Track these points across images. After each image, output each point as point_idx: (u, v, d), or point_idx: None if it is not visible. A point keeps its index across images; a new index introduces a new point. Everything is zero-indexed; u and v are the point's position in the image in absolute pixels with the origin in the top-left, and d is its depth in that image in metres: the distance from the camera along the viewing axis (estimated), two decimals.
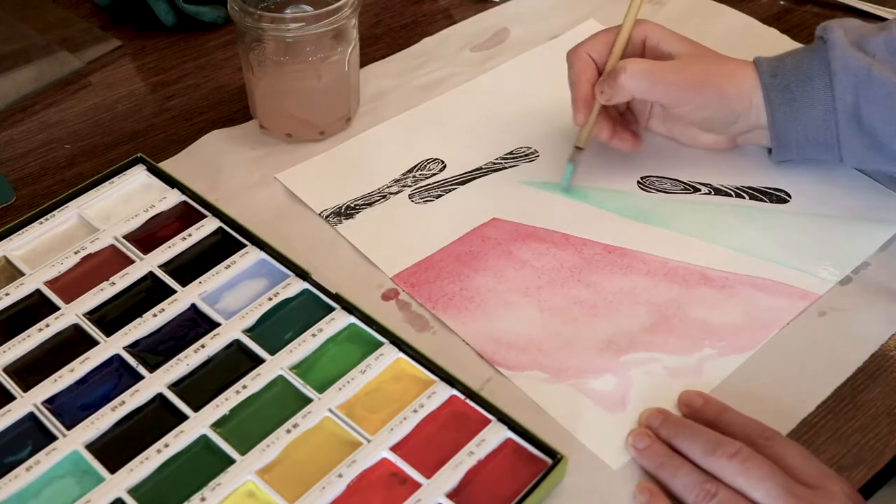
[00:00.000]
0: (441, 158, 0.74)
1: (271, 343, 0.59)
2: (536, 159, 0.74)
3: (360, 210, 0.70)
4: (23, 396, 0.56)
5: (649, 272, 0.66)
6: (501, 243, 0.68)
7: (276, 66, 0.71)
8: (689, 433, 0.54)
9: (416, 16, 0.90)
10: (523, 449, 0.54)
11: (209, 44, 0.87)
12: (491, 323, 0.63)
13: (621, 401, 0.58)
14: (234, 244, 0.65)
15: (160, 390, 0.56)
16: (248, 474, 0.53)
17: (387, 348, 0.59)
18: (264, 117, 0.75)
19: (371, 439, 0.54)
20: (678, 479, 0.53)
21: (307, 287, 0.62)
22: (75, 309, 0.60)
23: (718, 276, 0.65)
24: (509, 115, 0.78)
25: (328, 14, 0.69)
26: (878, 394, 0.59)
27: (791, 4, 0.91)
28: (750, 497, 0.51)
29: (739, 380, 0.59)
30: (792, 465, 0.52)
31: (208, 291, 0.62)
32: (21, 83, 0.81)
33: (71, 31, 0.86)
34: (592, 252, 0.67)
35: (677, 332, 0.62)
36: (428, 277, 0.65)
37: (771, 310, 0.63)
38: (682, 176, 0.73)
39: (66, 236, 0.66)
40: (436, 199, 0.71)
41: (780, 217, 0.69)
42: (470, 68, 0.83)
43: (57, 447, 0.54)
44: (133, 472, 0.53)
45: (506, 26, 0.88)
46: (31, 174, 0.73)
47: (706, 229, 0.69)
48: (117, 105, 0.80)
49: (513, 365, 0.60)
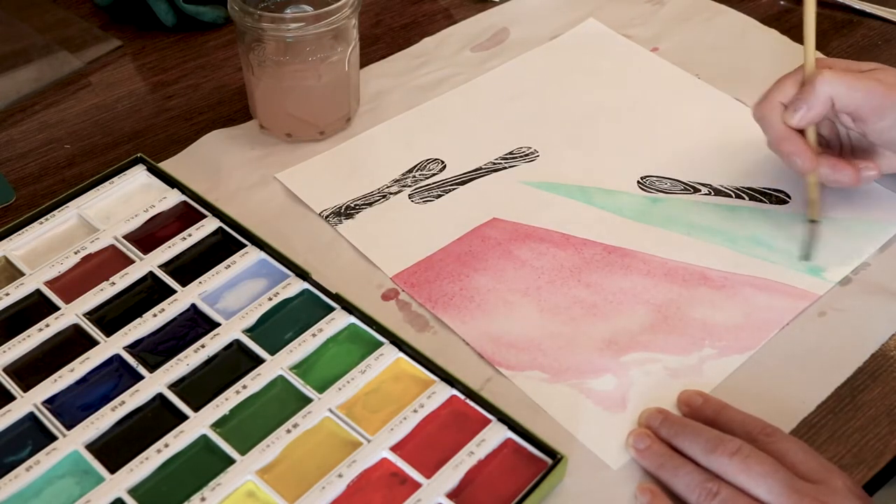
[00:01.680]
0: (441, 158, 0.74)
1: (271, 343, 0.59)
2: (536, 159, 0.74)
3: (360, 210, 0.70)
4: (23, 396, 0.56)
5: (649, 272, 0.66)
6: (501, 243, 0.68)
7: (276, 66, 0.71)
8: (690, 432, 0.54)
9: (416, 16, 0.90)
10: (523, 449, 0.54)
11: (209, 44, 0.87)
12: (491, 323, 0.63)
13: (621, 401, 0.58)
14: (234, 244, 0.65)
15: (160, 390, 0.56)
16: (248, 474, 0.53)
17: (387, 348, 0.59)
18: (264, 117, 0.75)
19: (371, 439, 0.54)
20: (679, 479, 0.53)
21: (307, 287, 0.62)
22: (75, 309, 0.60)
23: (718, 276, 0.65)
24: (509, 115, 0.78)
25: (328, 14, 0.69)
26: (878, 394, 0.59)
27: (791, 4, 0.91)
28: (752, 494, 0.51)
29: (739, 380, 0.59)
30: (794, 460, 0.52)
31: (208, 291, 0.62)
32: (21, 83, 0.81)
33: (71, 31, 0.86)
34: (592, 252, 0.67)
35: (677, 332, 0.62)
36: (428, 277, 0.65)
37: (771, 310, 0.63)
38: (682, 176, 0.73)
39: (66, 236, 0.66)
40: (436, 199, 0.71)
41: (780, 218, 0.69)
42: (470, 68, 0.83)
43: (57, 447, 0.54)
44: (133, 472, 0.53)
45: (506, 26, 0.88)
46: (31, 174, 0.73)
47: (706, 229, 0.69)
48: (117, 105, 0.80)
49: (513, 365, 0.60)
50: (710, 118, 0.78)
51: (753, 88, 0.78)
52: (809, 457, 0.52)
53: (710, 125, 0.77)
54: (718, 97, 0.79)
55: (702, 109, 0.79)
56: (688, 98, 0.80)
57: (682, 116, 0.78)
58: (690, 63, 0.83)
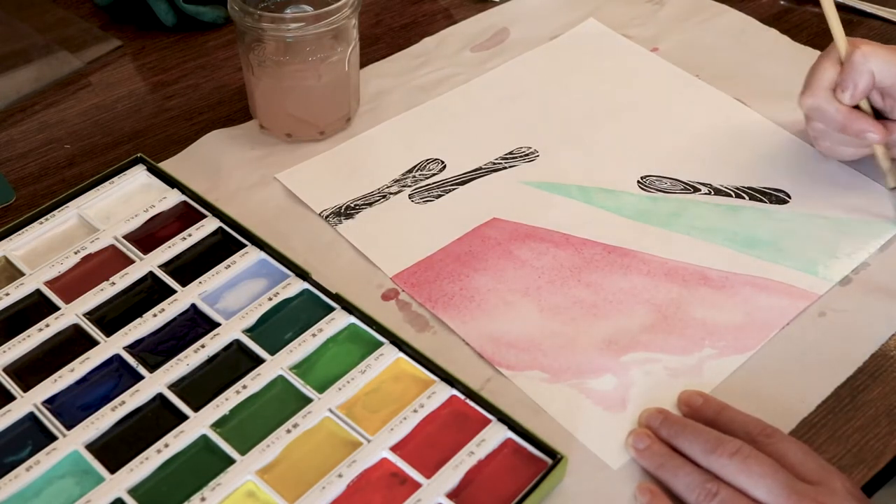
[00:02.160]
0: (441, 158, 0.74)
1: (271, 343, 0.59)
2: (536, 159, 0.74)
3: (360, 210, 0.70)
4: (23, 396, 0.56)
5: (649, 272, 0.66)
6: (501, 243, 0.68)
7: (276, 66, 0.71)
8: (690, 432, 0.54)
9: (416, 16, 0.90)
10: (523, 449, 0.54)
11: (209, 44, 0.87)
12: (491, 323, 0.63)
13: (621, 401, 0.58)
14: (234, 244, 0.65)
15: (160, 390, 0.56)
16: (248, 474, 0.53)
17: (387, 348, 0.59)
18: (264, 117, 0.75)
19: (371, 439, 0.54)
20: (679, 479, 0.53)
21: (307, 287, 0.62)
22: (75, 309, 0.60)
23: (718, 276, 0.65)
24: (509, 115, 0.78)
25: (328, 14, 0.69)
26: (878, 394, 0.59)
27: (791, 4, 0.90)
28: (751, 495, 0.51)
29: (740, 380, 0.59)
30: (793, 461, 0.52)
31: (208, 291, 0.62)
32: (21, 83, 0.81)
33: (71, 31, 0.86)
34: (592, 252, 0.67)
35: (677, 332, 0.62)
36: (428, 277, 0.65)
37: (771, 310, 0.63)
38: (682, 176, 0.73)
39: (66, 236, 0.66)
40: (436, 199, 0.71)
41: (780, 217, 0.69)
42: (470, 68, 0.83)
43: (57, 447, 0.54)
44: (133, 472, 0.53)
45: (506, 26, 0.88)
46: (31, 174, 0.73)
47: (706, 229, 0.69)
48: (117, 105, 0.80)
49: (513, 365, 0.60)
50: (710, 118, 0.78)
51: (753, 88, 0.78)
52: (809, 458, 0.52)
53: (710, 125, 0.77)
54: (718, 97, 0.79)
55: (702, 109, 0.79)
56: (688, 98, 0.80)
57: (682, 116, 0.78)
58: (690, 63, 0.83)
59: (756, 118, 0.77)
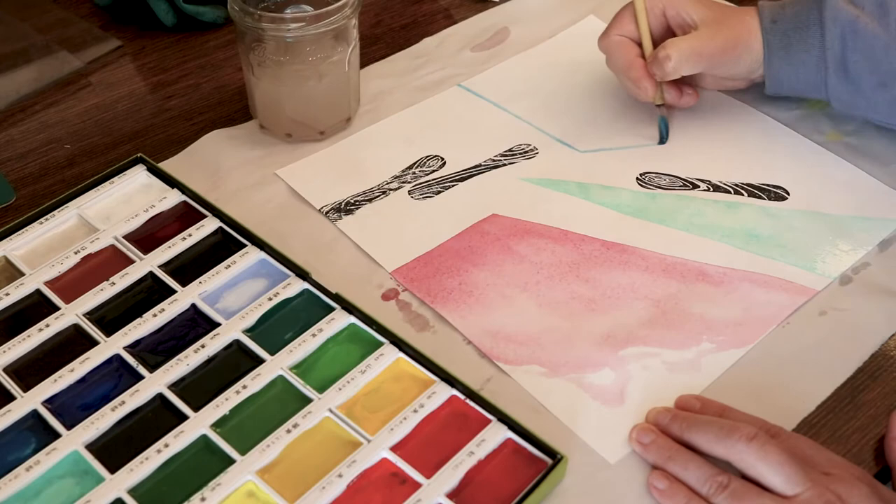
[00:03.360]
0: (441, 155, 0.74)
1: (271, 343, 0.59)
2: (535, 156, 0.74)
3: (360, 206, 0.70)
4: (23, 396, 0.56)
5: (648, 268, 0.66)
6: (500, 239, 0.68)
7: (276, 67, 0.71)
8: (703, 422, 0.54)
9: (416, 16, 0.90)
10: (523, 449, 0.54)
11: (209, 44, 0.87)
12: (489, 317, 0.63)
13: (619, 395, 0.58)
14: (234, 244, 0.65)
15: (160, 390, 0.57)
16: (248, 474, 0.53)
17: (387, 348, 0.59)
18: (264, 117, 0.75)
19: (371, 439, 0.54)
20: (690, 472, 0.53)
21: (307, 287, 0.62)
22: (75, 309, 0.61)
23: (717, 271, 0.65)
24: (509, 113, 0.78)
25: (328, 14, 0.69)
26: (878, 394, 0.59)
27: None
28: (766, 483, 0.51)
29: (740, 380, 0.59)
30: (804, 455, 0.52)
31: (208, 291, 0.62)
32: (21, 83, 0.81)
33: (71, 31, 0.86)
34: (591, 248, 0.67)
35: (675, 327, 0.62)
36: (427, 272, 0.65)
37: (769, 305, 0.63)
38: (681, 172, 0.73)
39: (66, 236, 0.66)
40: (435, 195, 0.71)
41: (779, 214, 0.69)
42: (470, 68, 0.83)
43: (57, 447, 0.54)
44: (133, 472, 0.53)
45: (506, 26, 0.88)
46: (31, 174, 0.73)
47: (704, 225, 0.69)
48: (117, 105, 0.80)
49: (511, 359, 0.60)
50: (709, 115, 0.78)
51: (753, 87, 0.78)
52: (818, 451, 0.53)
53: (708, 122, 0.77)
54: (717, 94, 0.79)
55: (700, 106, 0.78)
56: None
57: (680, 113, 0.78)
58: None
59: (755, 115, 0.77)
